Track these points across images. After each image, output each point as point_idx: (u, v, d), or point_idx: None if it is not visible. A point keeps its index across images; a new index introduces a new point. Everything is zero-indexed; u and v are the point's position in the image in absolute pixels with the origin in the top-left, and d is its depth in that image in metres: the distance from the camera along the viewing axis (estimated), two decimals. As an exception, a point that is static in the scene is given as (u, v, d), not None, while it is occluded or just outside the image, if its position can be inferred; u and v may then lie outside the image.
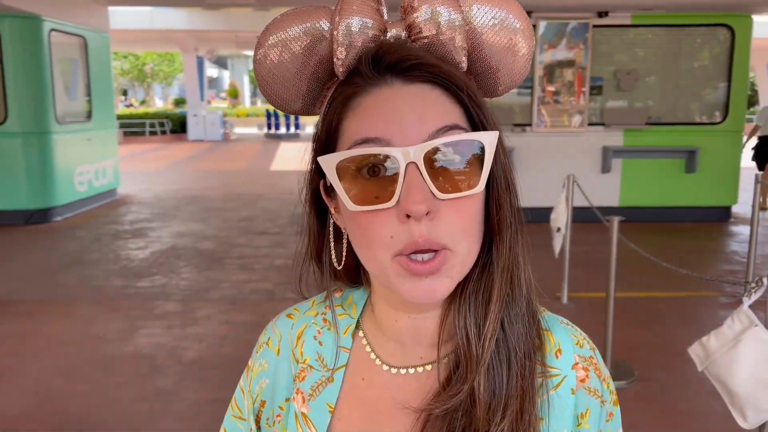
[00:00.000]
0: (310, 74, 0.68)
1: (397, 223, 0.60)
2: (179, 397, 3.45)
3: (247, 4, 10.43)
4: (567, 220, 4.85)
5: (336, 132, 0.65)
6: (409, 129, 0.60)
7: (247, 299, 5.10)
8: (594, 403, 0.70)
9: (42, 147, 8.09)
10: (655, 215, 8.21)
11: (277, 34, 0.67)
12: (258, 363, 0.78)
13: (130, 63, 37.33)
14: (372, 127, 0.61)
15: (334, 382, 0.73)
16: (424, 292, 0.61)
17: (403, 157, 0.58)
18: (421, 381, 0.70)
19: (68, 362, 3.94)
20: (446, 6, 0.65)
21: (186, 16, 17.45)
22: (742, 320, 2.26)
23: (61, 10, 8.34)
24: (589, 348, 0.73)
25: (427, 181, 0.59)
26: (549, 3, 7.60)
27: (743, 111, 8.36)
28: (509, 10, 0.68)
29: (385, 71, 0.63)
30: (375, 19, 0.65)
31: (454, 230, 0.61)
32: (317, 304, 0.79)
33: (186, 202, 9.84)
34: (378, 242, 0.61)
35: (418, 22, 0.65)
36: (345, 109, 0.64)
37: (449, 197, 0.60)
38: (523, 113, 8.18)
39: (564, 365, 0.70)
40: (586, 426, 0.69)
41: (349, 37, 0.64)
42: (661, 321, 4.67)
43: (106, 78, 9.86)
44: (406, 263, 0.60)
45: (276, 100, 0.70)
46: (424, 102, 0.61)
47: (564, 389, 0.69)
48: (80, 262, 6.31)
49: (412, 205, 0.58)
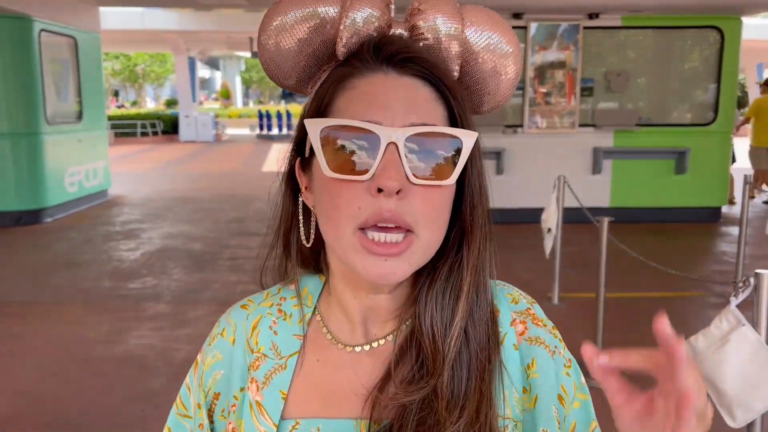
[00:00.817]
0: (311, 52, 0.70)
1: (368, 197, 0.62)
2: (170, 398, 3.42)
3: (238, 5, 10.42)
4: (558, 220, 4.87)
5: (328, 106, 0.68)
6: (396, 115, 0.64)
7: (238, 300, 5.08)
8: (539, 350, 0.72)
9: (32, 148, 8.05)
10: (646, 216, 8.25)
11: (290, 9, 0.70)
12: (211, 355, 0.79)
13: (121, 64, 37.19)
14: (361, 109, 0.64)
15: (286, 369, 0.74)
16: (382, 273, 0.64)
17: (386, 135, 0.62)
18: (374, 356, 0.72)
19: (58, 363, 3.92)
20: (449, 17, 0.69)
21: (177, 16, 17.40)
22: (730, 320, 2.28)
23: (52, 11, 8.30)
24: (526, 302, 0.75)
25: (404, 163, 0.62)
26: (540, 5, 7.63)
27: (732, 112, 8.41)
28: (503, 34, 0.73)
29: (383, 60, 0.67)
30: (383, 12, 0.69)
31: (421, 215, 0.64)
32: (271, 295, 0.80)
33: (177, 203, 9.81)
34: (345, 212, 0.64)
35: (421, 25, 0.69)
36: (339, 88, 0.67)
37: (422, 183, 0.63)
38: (514, 115, 8.20)
39: (503, 324, 0.72)
40: (536, 375, 0.71)
41: (356, 23, 0.68)
42: (651, 321, 4.67)
43: (97, 79, 9.83)
44: (365, 242, 0.63)
45: (273, 71, 0.73)
46: (414, 96, 0.65)
47: (507, 347, 0.71)
48: (71, 263, 6.28)
49: (386, 179, 0.61)
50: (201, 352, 0.81)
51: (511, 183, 7.87)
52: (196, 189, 11.47)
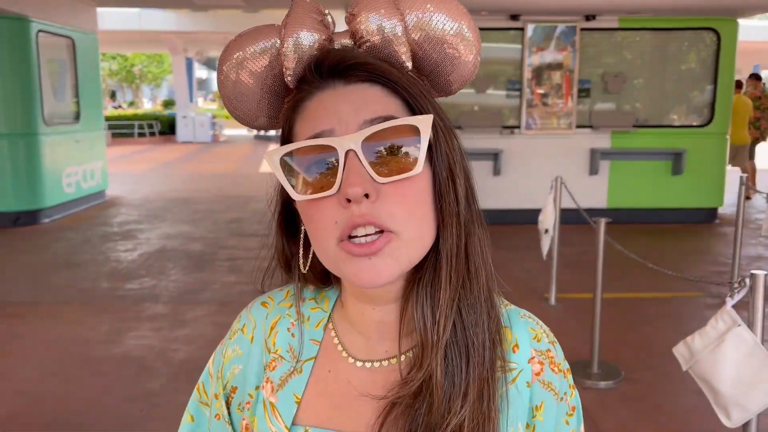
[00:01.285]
0: (269, 90, 0.71)
1: (341, 209, 0.62)
2: (168, 398, 3.45)
3: (235, 6, 10.43)
4: (555, 221, 4.89)
5: (289, 137, 0.68)
6: (347, 121, 0.63)
7: (236, 301, 5.09)
8: (548, 396, 0.72)
9: (29, 149, 8.04)
10: (642, 216, 8.28)
11: (236, 55, 0.70)
12: (231, 348, 0.79)
13: (118, 64, 37.12)
14: (315, 125, 0.65)
15: (302, 373, 0.74)
16: (367, 274, 0.63)
17: (341, 144, 0.62)
18: (385, 374, 0.71)
19: (57, 364, 3.93)
20: (384, 14, 0.68)
21: (174, 17, 17.39)
22: (726, 320, 2.30)
23: (50, 11, 8.30)
24: (547, 341, 0.74)
25: (365, 166, 0.62)
26: (537, 6, 7.65)
27: (729, 114, 8.44)
28: (446, 12, 0.69)
29: (327, 75, 0.67)
30: (319, 30, 0.69)
31: (398, 213, 0.63)
32: (291, 295, 0.80)
33: (175, 204, 9.81)
34: (324, 229, 0.64)
35: (360, 28, 0.68)
36: (294, 114, 0.68)
37: (388, 180, 0.62)
38: (511, 116, 8.23)
39: (520, 359, 0.71)
40: (541, 419, 0.71)
41: (295, 50, 0.68)
42: (648, 321, 4.71)
43: (95, 79, 9.82)
44: (347, 246, 0.63)
45: (241, 117, 0.74)
46: (362, 98, 0.65)
47: (520, 382, 0.71)
48: (69, 264, 6.28)
49: (348, 187, 0.61)
50: (222, 342, 0.82)
51: (508, 184, 7.89)
52: (194, 190, 11.47)
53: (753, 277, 2.24)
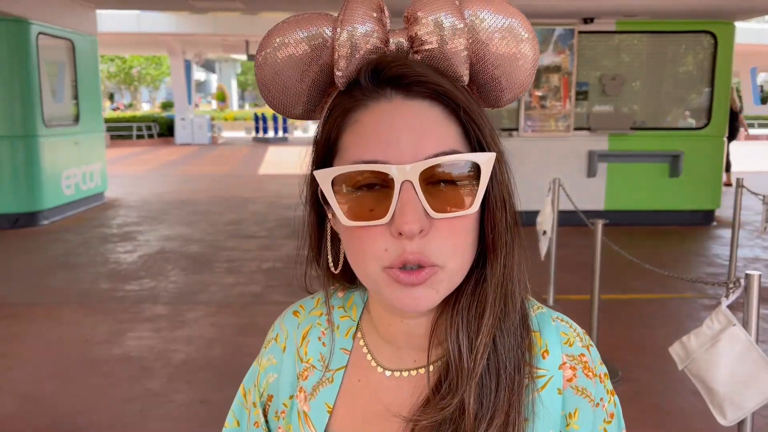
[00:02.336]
0: (311, 81, 0.67)
1: (391, 238, 0.61)
2: (168, 398, 3.47)
3: (234, 9, 10.45)
4: (553, 223, 4.91)
5: (335, 144, 0.65)
6: (406, 149, 0.60)
7: (235, 302, 5.11)
8: (582, 402, 0.69)
9: (29, 150, 8.06)
10: (640, 219, 8.31)
11: (280, 39, 0.66)
12: (266, 358, 0.81)
13: (116, 66, 37.12)
14: (371, 149, 0.61)
15: (333, 382, 0.74)
16: (410, 301, 0.63)
17: (399, 174, 0.59)
18: (413, 384, 0.71)
19: (57, 365, 3.94)
20: (449, 16, 0.64)
21: (173, 19, 17.41)
22: (721, 320, 2.32)
23: (49, 14, 8.32)
24: (581, 346, 0.71)
25: (421, 200, 0.60)
26: (535, 9, 7.68)
27: (726, 116, 8.47)
28: (515, 18, 0.68)
29: (384, 85, 0.63)
30: (377, 29, 0.64)
31: (446, 248, 0.62)
32: (321, 303, 0.80)
33: (174, 206, 9.82)
34: (371, 255, 0.62)
35: (421, 33, 0.64)
36: (343, 123, 0.64)
37: (443, 216, 0.61)
38: (510, 118, 8.26)
39: (551, 366, 0.69)
40: (576, 427, 0.69)
41: (350, 46, 0.64)
42: (645, 322, 4.74)
43: (94, 81, 9.84)
44: (395, 274, 0.62)
45: (276, 105, 0.70)
46: (422, 122, 0.62)
47: (550, 390, 0.68)
48: (68, 265, 6.30)
49: (404, 225, 0.59)
50: (260, 353, 0.83)
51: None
52: (193, 191, 11.48)
53: (748, 277, 2.26)
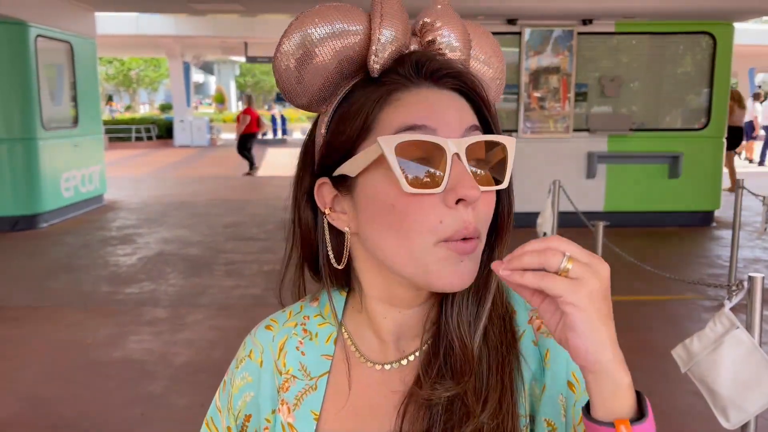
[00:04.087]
0: (333, 70, 0.69)
1: (445, 209, 0.63)
2: (170, 401, 3.46)
3: (233, 11, 10.44)
4: (553, 225, 4.91)
5: (371, 124, 0.67)
6: (452, 123, 0.66)
7: (235, 305, 5.11)
8: (551, 342, 0.72)
9: (28, 153, 8.05)
10: (640, 220, 8.31)
11: (312, 27, 0.68)
12: (240, 377, 0.79)
13: (115, 68, 37.11)
14: (420, 116, 0.65)
15: (317, 389, 0.75)
16: (464, 274, 0.65)
17: (450, 146, 0.63)
18: (403, 373, 0.73)
19: (58, 368, 3.94)
20: (462, 33, 0.72)
21: (172, 21, 17.39)
22: (724, 323, 2.32)
23: (48, 16, 8.31)
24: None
25: (468, 172, 0.64)
26: (534, 10, 7.68)
27: (725, 117, 8.48)
28: (495, 51, 0.78)
29: (424, 76, 0.68)
30: (406, 29, 0.70)
31: (484, 220, 0.67)
32: (294, 314, 0.80)
33: (173, 208, 9.82)
34: (423, 227, 0.64)
35: (438, 41, 0.71)
36: (384, 103, 0.67)
37: (486, 189, 0.66)
38: (509, 119, 8.26)
39: (521, 322, 0.74)
40: (547, 365, 0.71)
41: (389, 41, 0.68)
42: (646, 324, 4.74)
43: (93, 84, 9.83)
44: (456, 246, 0.64)
45: (288, 91, 0.71)
46: (459, 104, 0.68)
47: (526, 343, 0.73)
48: (68, 268, 6.29)
49: (469, 189, 0.62)
50: (228, 372, 0.82)
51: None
52: (192, 194, 11.47)
53: (751, 280, 2.26)
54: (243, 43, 18.78)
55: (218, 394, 0.82)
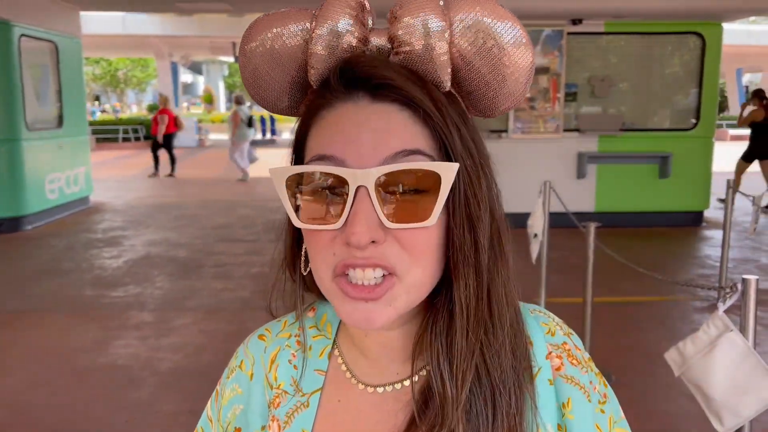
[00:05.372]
0: (292, 78, 0.65)
1: (343, 245, 0.58)
2: (156, 408, 3.40)
3: (220, 10, 10.37)
4: (544, 226, 4.88)
5: (303, 143, 0.63)
6: (365, 151, 0.57)
7: (224, 308, 5.04)
8: (574, 391, 0.66)
9: (11, 154, 7.93)
10: (630, 220, 8.32)
11: (264, 34, 0.63)
12: (230, 388, 0.75)
13: (102, 68, 36.87)
14: (328, 144, 0.59)
15: (309, 407, 0.70)
16: (361, 318, 0.59)
17: (354, 179, 0.56)
18: (398, 398, 0.67)
19: (42, 374, 3.86)
20: (433, 18, 0.59)
21: (159, 21, 17.30)
22: (718, 325, 2.29)
23: (32, 16, 8.20)
24: (562, 334, 0.69)
25: (376, 208, 0.56)
26: (523, 10, 7.67)
27: (714, 117, 8.51)
28: (501, 19, 0.61)
29: (353, 86, 0.60)
30: (355, 27, 0.61)
31: (404, 258, 0.58)
32: (289, 325, 0.75)
33: (160, 210, 9.72)
34: (321, 259, 0.60)
35: (400, 32, 0.60)
36: (310, 121, 0.62)
37: (398, 227, 0.57)
38: (499, 120, 8.24)
39: (538, 357, 0.67)
40: (570, 416, 0.66)
41: (325, 44, 0.61)
42: (638, 325, 4.72)
43: (78, 84, 9.72)
44: (343, 285, 0.59)
45: (260, 101, 0.67)
46: (387, 124, 0.58)
47: (541, 381, 0.66)
48: (52, 271, 6.19)
49: (352, 235, 0.56)
50: (220, 382, 0.78)
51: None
52: (180, 195, 11.38)
53: (744, 282, 2.23)
54: (231, 43, 18.68)
55: (210, 404, 0.78)
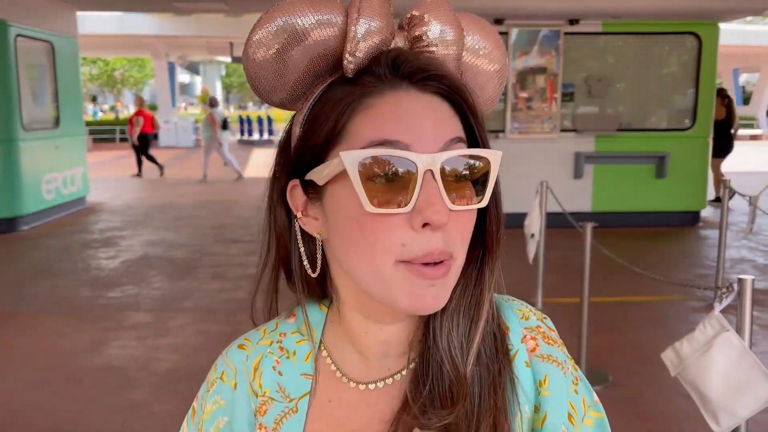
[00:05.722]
0: (306, 67, 0.64)
1: (410, 231, 0.59)
2: (152, 409, 3.39)
3: (217, 10, 10.36)
4: (541, 225, 4.88)
5: (342, 131, 0.62)
6: (428, 136, 0.60)
7: (220, 309, 5.03)
8: (551, 368, 0.68)
9: (8, 155, 7.91)
10: (627, 220, 8.32)
11: (285, 18, 0.62)
12: (211, 401, 0.74)
13: (99, 68, 36.79)
14: (392, 130, 0.59)
15: (298, 412, 0.69)
16: (431, 299, 0.61)
17: (424, 164, 0.58)
18: (391, 393, 0.68)
19: (38, 375, 3.84)
20: (453, 26, 0.66)
21: (156, 21, 17.26)
22: (714, 326, 2.29)
23: (28, 16, 8.18)
24: (536, 319, 0.72)
25: (441, 192, 0.59)
26: (521, 10, 7.67)
27: (710, 117, 8.52)
28: (496, 47, 0.71)
29: (402, 77, 0.62)
30: (390, 24, 0.64)
31: (459, 241, 0.62)
32: (269, 332, 0.75)
33: (157, 210, 9.71)
34: (385, 248, 0.59)
35: (425, 36, 0.65)
36: (355, 109, 0.61)
37: (459, 209, 0.60)
38: (496, 120, 8.24)
39: (514, 341, 0.69)
40: (546, 393, 0.67)
41: (366, 36, 0.62)
42: (634, 325, 4.72)
43: (75, 84, 9.69)
44: (419, 270, 0.60)
45: (261, 87, 0.66)
46: (439, 114, 0.62)
47: (519, 364, 0.68)
48: (49, 272, 6.18)
49: (435, 214, 0.57)
50: (197, 399, 0.76)
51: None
52: (177, 195, 11.36)
53: (741, 282, 2.23)
54: (228, 43, 18.67)
55: (187, 421, 0.77)
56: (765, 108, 26.82)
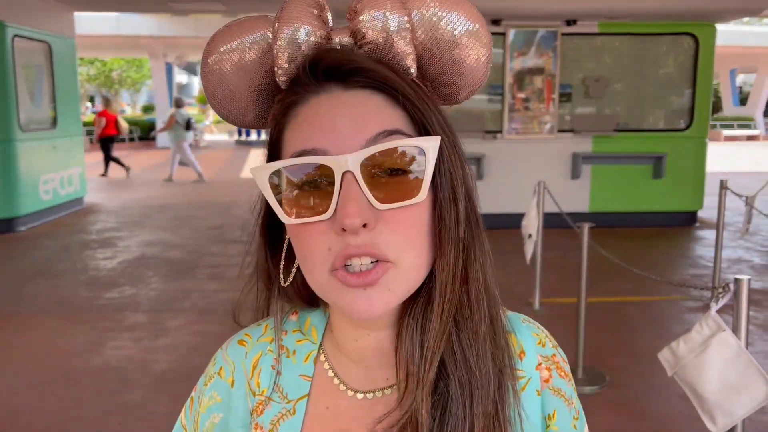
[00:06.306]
0: (258, 86, 0.65)
1: (335, 236, 0.57)
2: (149, 410, 3.39)
3: (214, 10, 10.34)
4: (538, 226, 4.89)
5: (278, 143, 0.62)
6: (346, 137, 0.58)
7: (218, 309, 5.03)
8: (560, 403, 0.68)
9: (5, 155, 7.89)
10: (624, 220, 8.34)
11: (223, 47, 0.64)
12: (208, 396, 0.73)
13: (96, 69, 36.71)
14: (308, 138, 0.59)
15: (296, 414, 0.68)
16: (362, 305, 0.58)
17: (338, 166, 0.56)
18: (389, 404, 0.65)
19: (35, 376, 3.84)
20: (390, 11, 0.62)
21: (154, 22, 17.25)
22: (711, 326, 2.30)
23: (26, 16, 8.17)
24: (551, 346, 0.71)
25: (364, 191, 0.56)
26: (518, 11, 7.68)
27: (708, 117, 8.54)
28: (461, 12, 0.64)
29: (323, 77, 0.61)
30: (316, 26, 0.62)
31: (397, 241, 0.58)
32: (271, 329, 0.73)
33: (155, 211, 9.70)
34: (316, 255, 0.59)
35: (361, 27, 0.62)
36: (285, 119, 0.62)
37: (388, 207, 0.57)
38: (493, 120, 8.24)
39: (528, 367, 0.68)
40: (555, 428, 0.67)
41: (289, 45, 0.61)
42: (631, 325, 4.73)
43: (72, 84, 9.68)
44: (342, 276, 0.58)
45: (226, 114, 0.67)
46: (363, 109, 0.59)
47: (529, 392, 0.67)
48: (46, 273, 6.17)
49: (345, 218, 0.55)
50: (196, 389, 0.76)
51: (490, 189, 7.89)
52: (174, 195, 11.35)
53: (737, 282, 2.24)
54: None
55: (184, 412, 0.76)
56: (762, 108, 26.89)
